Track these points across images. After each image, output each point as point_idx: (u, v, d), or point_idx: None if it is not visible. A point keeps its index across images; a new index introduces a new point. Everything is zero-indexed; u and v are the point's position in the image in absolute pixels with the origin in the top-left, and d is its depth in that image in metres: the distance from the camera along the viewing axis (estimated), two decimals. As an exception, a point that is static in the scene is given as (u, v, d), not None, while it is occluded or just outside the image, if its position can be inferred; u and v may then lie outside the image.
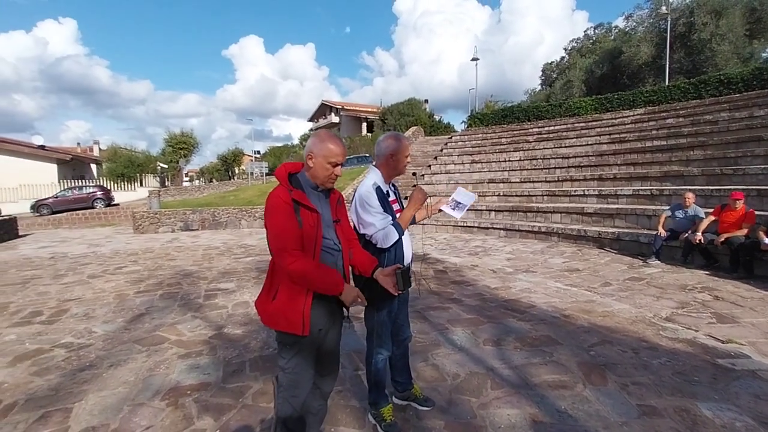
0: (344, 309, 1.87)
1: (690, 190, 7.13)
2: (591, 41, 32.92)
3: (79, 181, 25.22)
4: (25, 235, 13.95)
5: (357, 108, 42.49)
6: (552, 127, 16.81)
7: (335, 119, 42.26)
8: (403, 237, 2.25)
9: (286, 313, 1.65)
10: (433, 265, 6.77)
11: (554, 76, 33.90)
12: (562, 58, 34.98)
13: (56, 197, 20.69)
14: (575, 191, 10.49)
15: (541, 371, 2.96)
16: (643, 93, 16.52)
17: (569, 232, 8.77)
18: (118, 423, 2.44)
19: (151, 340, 3.78)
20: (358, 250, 1.98)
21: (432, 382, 2.84)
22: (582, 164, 11.94)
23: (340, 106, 42.07)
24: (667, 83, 18.11)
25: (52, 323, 4.32)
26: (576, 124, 16.20)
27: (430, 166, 16.32)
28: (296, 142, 46.55)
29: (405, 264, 2.27)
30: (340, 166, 1.78)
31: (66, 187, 22.70)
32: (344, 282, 1.73)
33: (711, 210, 6.34)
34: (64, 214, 18.98)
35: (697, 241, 5.97)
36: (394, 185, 2.42)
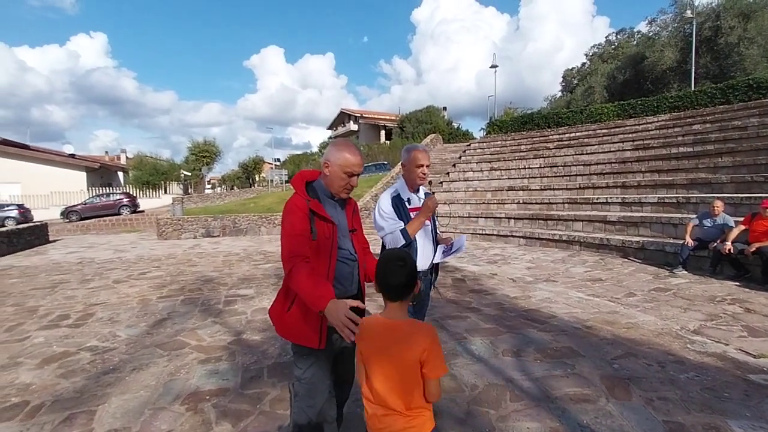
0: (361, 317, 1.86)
1: (718, 198, 6.87)
2: (613, 47, 32.42)
3: (107, 188, 26.19)
4: (54, 241, 14.51)
5: (375, 116, 42.82)
6: (573, 134, 16.53)
7: (354, 127, 42.69)
8: (419, 245, 2.29)
9: (302, 326, 1.65)
10: (451, 274, 6.71)
11: (575, 82, 33.47)
12: (583, 64, 34.55)
13: (85, 204, 21.51)
14: (597, 199, 10.26)
15: (562, 384, 2.88)
16: (668, 98, 16.08)
17: (591, 241, 8.57)
18: (140, 426, 2.49)
19: (172, 344, 3.86)
20: (371, 259, 1.99)
21: (450, 393, 2.80)
22: (604, 171, 11.68)
23: (358, 114, 42.48)
24: (692, 88, 17.62)
25: (79, 327, 4.46)
26: (598, 131, 15.87)
27: (448, 173, 16.25)
28: (315, 149, 47.19)
29: (424, 268, 2.33)
30: (356, 177, 1.77)
31: (94, 194, 23.59)
32: (331, 299, 1.48)
33: (741, 219, 6.09)
34: (92, 220, 19.70)
35: (727, 251, 5.73)
36: (427, 193, 2.45)
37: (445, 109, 36.44)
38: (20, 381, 3.15)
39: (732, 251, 5.72)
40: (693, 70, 19.93)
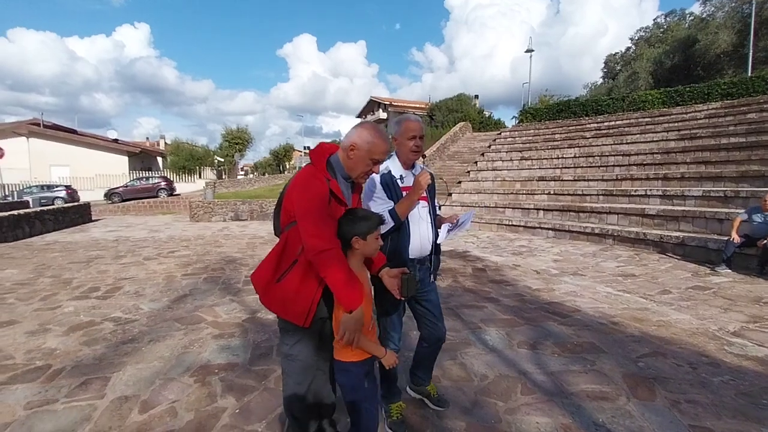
0: None
1: (772, 191, 6.29)
2: (661, 30, 30.31)
3: (147, 172, 27.40)
4: (96, 220, 15.37)
5: (405, 104, 42.37)
6: (612, 123, 15.68)
7: (383, 115, 42.44)
8: (412, 229, 2.09)
9: (291, 302, 1.58)
10: (472, 263, 6.53)
11: (618, 68, 31.70)
12: (628, 48, 32.58)
13: (126, 186, 22.61)
14: (636, 191, 9.68)
15: (579, 380, 2.71)
16: (721, 85, 14.90)
17: (626, 235, 8.11)
18: (149, 395, 2.55)
19: (190, 319, 3.95)
20: None
21: (457, 381, 2.70)
22: (645, 162, 11.00)
23: (387, 102, 42.18)
24: (749, 74, 16.22)
25: (106, 299, 4.67)
26: (640, 119, 14.97)
27: (476, 162, 15.86)
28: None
29: (421, 255, 2.16)
30: (379, 164, 1.72)
31: (134, 177, 24.74)
32: (361, 303, 1.49)
33: (798, 214, 5.55)
34: (132, 202, 20.69)
35: (779, 249, 5.25)
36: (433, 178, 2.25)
37: (476, 97, 35.41)
38: (46, 346, 3.32)
39: (784, 249, 5.23)
40: (751, 54, 18.32)
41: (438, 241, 2.20)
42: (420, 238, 2.12)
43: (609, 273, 5.95)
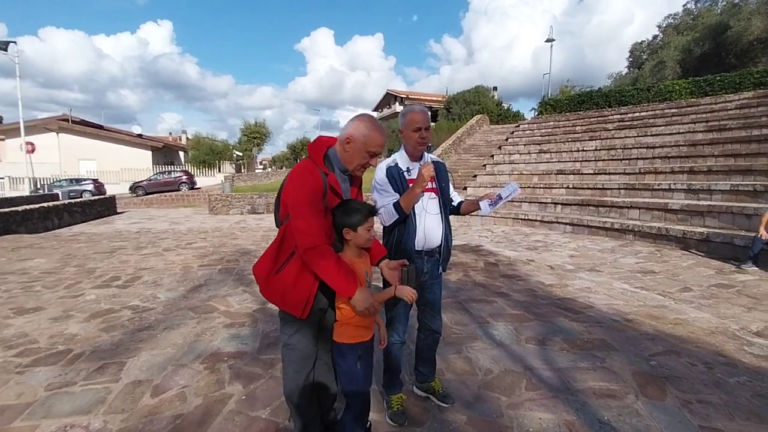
0: None
1: (805, 185, 5.99)
2: (691, 16, 28.98)
3: (169, 166, 28.14)
4: (121, 212, 15.89)
5: (421, 97, 42.03)
6: (637, 114, 15.17)
7: (399, 108, 42.22)
8: (419, 221, 2.08)
9: (289, 293, 1.61)
10: (484, 257, 6.47)
11: (644, 57, 30.56)
12: (655, 36, 31.32)
13: (149, 180, 23.31)
14: (659, 185, 9.37)
15: (587, 377, 2.66)
16: (753, 74, 14.20)
17: (647, 230, 7.87)
18: (161, 380, 2.64)
19: (203, 308, 4.06)
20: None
21: (461, 375, 2.69)
22: (670, 155, 10.63)
23: (404, 95, 41.94)
24: (786, 62, 15.37)
25: (126, 288, 4.84)
26: (666, 110, 14.43)
27: (493, 156, 15.64)
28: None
29: (429, 247, 2.14)
30: (377, 157, 1.71)
31: (157, 171, 25.44)
32: (357, 287, 1.54)
33: (832, 209, 5.27)
34: (155, 195, 21.29)
35: (810, 246, 5.00)
36: (440, 163, 2.25)
37: (495, 89, 34.81)
38: (68, 332, 3.47)
39: (816, 246, 4.98)
40: (789, 41, 17.36)
41: (480, 214, 2.20)
42: (426, 229, 2.11)
43: (627, 269, 5.80)
